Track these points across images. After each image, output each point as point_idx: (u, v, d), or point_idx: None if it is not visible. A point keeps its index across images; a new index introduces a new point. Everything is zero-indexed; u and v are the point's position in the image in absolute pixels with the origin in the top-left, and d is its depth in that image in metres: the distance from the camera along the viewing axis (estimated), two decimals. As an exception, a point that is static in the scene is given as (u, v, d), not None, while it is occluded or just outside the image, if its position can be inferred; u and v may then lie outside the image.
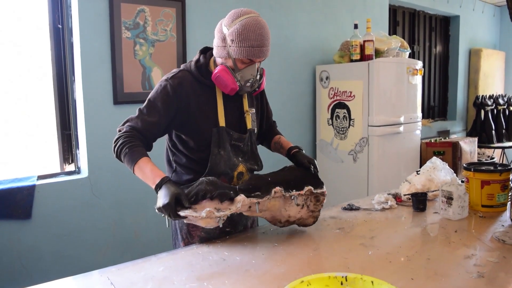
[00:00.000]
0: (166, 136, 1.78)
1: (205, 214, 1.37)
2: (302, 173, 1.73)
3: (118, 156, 1.61)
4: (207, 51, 1.75)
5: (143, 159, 1.54)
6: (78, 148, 2.86)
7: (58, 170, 2.84)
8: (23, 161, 2.81)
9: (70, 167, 2.87)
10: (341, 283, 1.08)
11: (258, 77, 1.67)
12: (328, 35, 4.17)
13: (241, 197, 1.48)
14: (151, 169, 1.51)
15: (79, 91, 2.76)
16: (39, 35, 2.76)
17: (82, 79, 2.72)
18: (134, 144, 1.57)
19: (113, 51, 2.79)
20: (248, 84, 1.64)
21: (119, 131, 1.63)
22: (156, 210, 1.44)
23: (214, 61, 1.69)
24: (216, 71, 1.61)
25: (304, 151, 1.85)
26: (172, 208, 1.39)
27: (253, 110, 1.81)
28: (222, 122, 1.68)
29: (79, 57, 2.71)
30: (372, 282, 1.06)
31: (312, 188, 1.66)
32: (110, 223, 2.88)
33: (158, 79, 3.00)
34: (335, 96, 3.83)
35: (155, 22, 2.94)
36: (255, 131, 1.83)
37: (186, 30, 3.12)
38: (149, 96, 1.65)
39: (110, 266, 1.42)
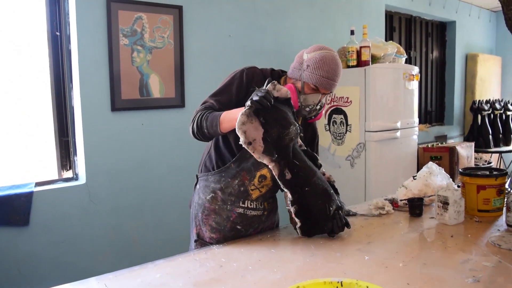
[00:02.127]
0: None
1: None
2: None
3: (199, 127, 1.68)
4: (284, 72, 1.90)
5: (225, 112, 1.64)
6: (76, 155, 2.86)
7: (56, 177, 2.84)
8: (21, 168, 2.81)
9: (68, 174, 2.87)
10: (337, 289, 1.09)
11: (318, 107, 1.80)
12: (325, 41, 4.16)
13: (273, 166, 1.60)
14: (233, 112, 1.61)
15: (77, 98, 2.76)
16: (37, 42, 2.77)
17: (79, 86, 2.73)
18: (212, 111, 1.69)
19: (110, 58, 2.80)
20: (307, 109, 1.77)
21: (196, 112, 1.74)
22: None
23: (285, 80, 1.85)
24: (285, 86, 1.74)
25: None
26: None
27: (301, 134, 1.85)
28: None
29: (76, 64, 2.72)
30: (367, 287, 1.07)
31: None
32: (108, 230, 2.88)
33: (156, 85, 3.01)
34: (332, 102, 3.85)
35: (152, 29, 2.96)
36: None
37: (184, 37, 3.14)
38: (225, 81, 1.80)
39: (107, 273, 1.42)
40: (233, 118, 1.57)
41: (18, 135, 2.80)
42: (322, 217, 1.68)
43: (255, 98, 1.50)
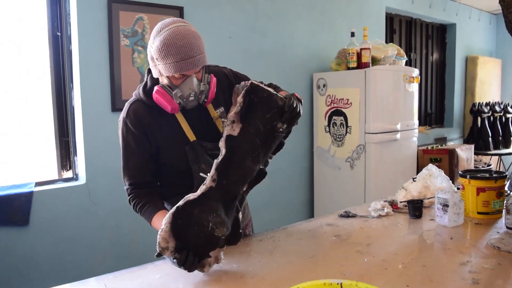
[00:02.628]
0: None
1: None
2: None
3: (139, 214, 1.62)
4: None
5: (152, 219, 1.54)
6: (76, 155, 2.87)
7: (56, 177, 2.84)
8: (21, 168, 2.81)
9: (68, 174, 2.88)
10: (337, 290, 1.09)
11: (202, 87, 1.55)
12: (325, 43, 4.20)
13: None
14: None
15: (77, 98, 2.77)
16: (38, 42, 2.78)
17: (80, 86, 2.73)
18: (141, 204, 1.58)
19: (111, 59, 2.80)
20: (192, 98, 1.53)
21: (126, 189, 1.64)
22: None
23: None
24: (153, 94, 1.53)
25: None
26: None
27: (222, 109, 1.70)
28: (191, 137, 1.60)
29: (77, 65, 2.72)
30: (367, 289, 1.07)
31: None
32: (108, 230, 2.88)
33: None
34: (332, 104, 3.85)
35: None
36: None
37: (184, 38, 3.13)
38: (121, 144, 1.62)
39: (107, 274, 1.42)
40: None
41: (18, 135, 2.80)
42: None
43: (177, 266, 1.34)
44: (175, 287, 1.31)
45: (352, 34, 3.77)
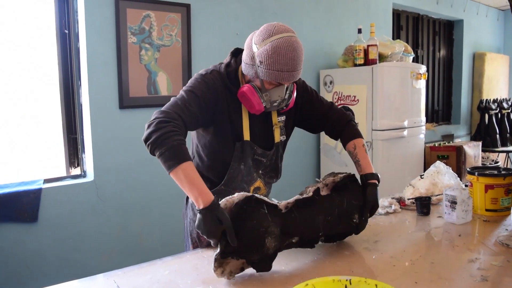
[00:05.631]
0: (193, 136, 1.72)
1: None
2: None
3: (154, 144, 1.39)
4: (238, 54, 1.64)
5: (189, 163, 1.37)
6: (84, 152, 2.88)
7: (64, 174, 2.86)
8: (29, 165, 2.83)
9: (76, 171, 2.89)
10: (345, 286, 1.09)
11: (287, 96, 1.56)
12: (332, 40, 4.19)
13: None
14: (198, 185, 1.34)
15: (85, 95, 2.78)
16: (45, 40, 2.79)
17: (88, 83, 2.74)
18: (182, 141, 1.38)
19: (119, 56, 2.81)
20: (275, 104, 1.55)
21: (162, 112, 1.44)
22: (196, 229, 1.37)
23: (242, 75, 1.60)
24: (242, 89, 1.53)
25: (378, 185, 1.67)
26: (217, 243, 1.30)
27: (283, 117, 1.72)
28: (246, 135, 1.61)
29: (85, 62, 2.73)
30: (376, 285, 1.07)
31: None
32: (116, 227, 2.89)
33: (164, 83, 3.02)
34: (339, 100, 3.84)
35: (160, 27, 2.97)
36: (284, 141, 1.75)
37: (191, 35, 3.14)
38: (184, 88, 1.52)
39: (116, 270, 1.42)
40: (181, 185, 1.37)
41: (27, 132, 2.82)
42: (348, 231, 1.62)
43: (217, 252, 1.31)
44: (184, 283, 1.32)
45: (359, 31, 3.76)
